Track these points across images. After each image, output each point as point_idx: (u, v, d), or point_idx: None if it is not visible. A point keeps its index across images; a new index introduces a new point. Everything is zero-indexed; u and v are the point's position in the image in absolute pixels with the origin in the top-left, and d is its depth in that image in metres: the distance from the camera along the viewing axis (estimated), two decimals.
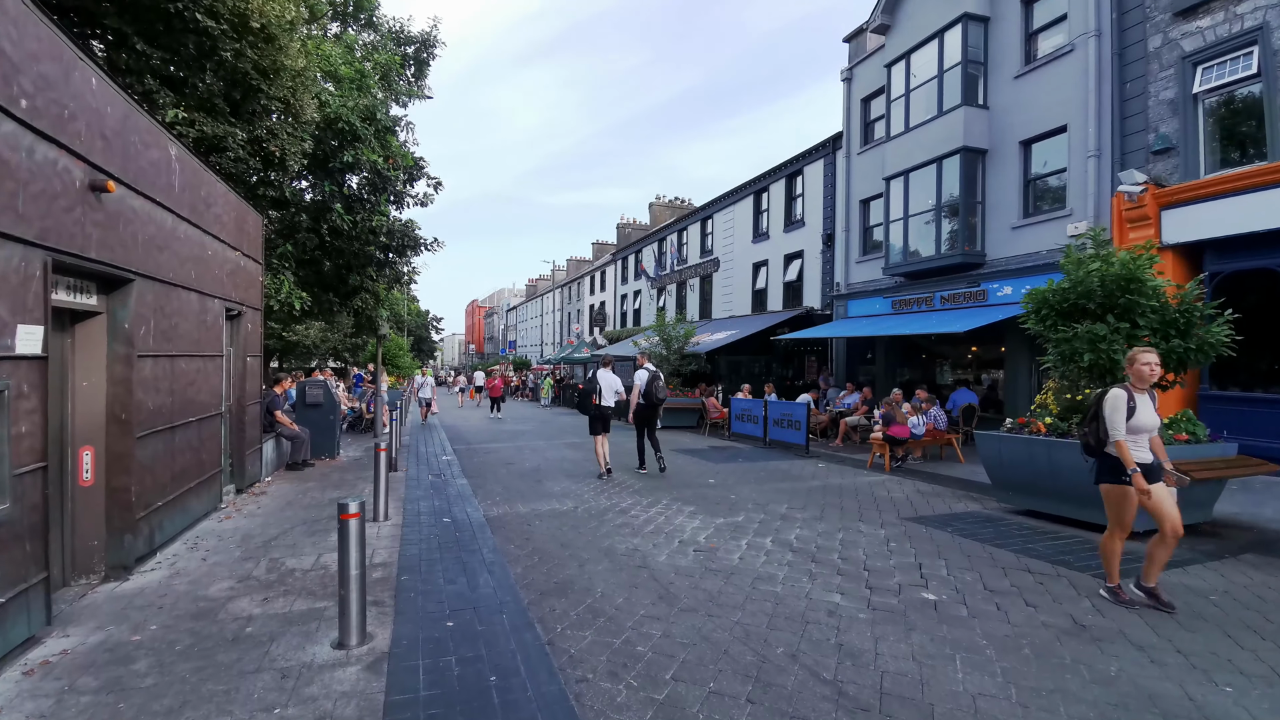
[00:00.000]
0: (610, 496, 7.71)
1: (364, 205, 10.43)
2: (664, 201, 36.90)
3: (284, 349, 37.41)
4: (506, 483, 8.71)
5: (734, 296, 23.05)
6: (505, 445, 13.14)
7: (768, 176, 21.23)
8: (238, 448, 7.66)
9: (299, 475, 9.10)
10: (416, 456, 11.19)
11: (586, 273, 44.35)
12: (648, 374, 9.48)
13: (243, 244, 7.61)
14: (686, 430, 16.29)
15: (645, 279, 31.15)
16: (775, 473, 9.53)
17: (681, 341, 17.39)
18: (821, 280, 18.29)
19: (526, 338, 63.16)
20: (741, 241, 22.79)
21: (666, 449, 12.41)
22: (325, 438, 10.60)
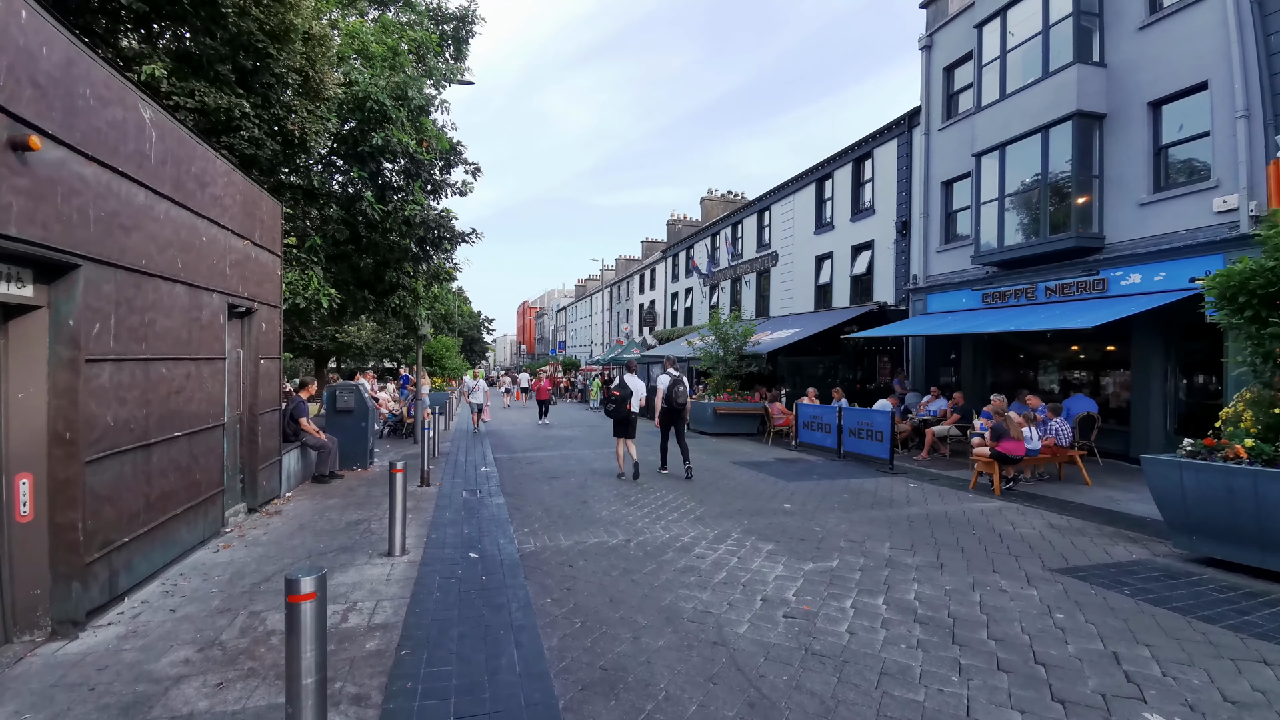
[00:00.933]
0: (667, 525, 6.47)
1: (396, 194, 9.57)
2: (716, 196, 35.48)
3: (337, 350, 37.90)
4: (548, 503, 7.59)
5: (794, 292, 21.46)
6: (550, 454, 12.09)
7: (832, 162, 19.56)
8: (249, 462, 6.80)
9: (324, 490, 8.24)
10: (454, 467, 10.24)
11: (635, 271, 43.30)
12: (670, 378, 9.62)
13: (254, 232, 6.75)
14: (746, 438, 14.88)
15: (697, 276, 29.78)
16: (861, 495, 8.09)
17: (739, 341, 15.99)
18: (895, 273, 16.55)
19: (576, 338, 62.69)
20: (802, 233, 21.17)
21: (726, 459, 11.16)
22: (356, 446, 9.77)
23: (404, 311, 12.04)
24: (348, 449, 9.70)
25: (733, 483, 8.93)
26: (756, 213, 24.59)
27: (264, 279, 7.06)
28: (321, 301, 8.89)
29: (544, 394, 20.82)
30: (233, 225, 6.15)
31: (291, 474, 8.20)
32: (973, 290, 13.62)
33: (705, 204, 35.25)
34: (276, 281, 7.52)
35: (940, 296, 14.68)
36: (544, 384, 21.63)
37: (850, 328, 16.54)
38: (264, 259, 7.07)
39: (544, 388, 21.15)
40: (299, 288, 8.89)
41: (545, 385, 21.39)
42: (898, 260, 16.47)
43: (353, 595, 4.36)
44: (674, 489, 8.43)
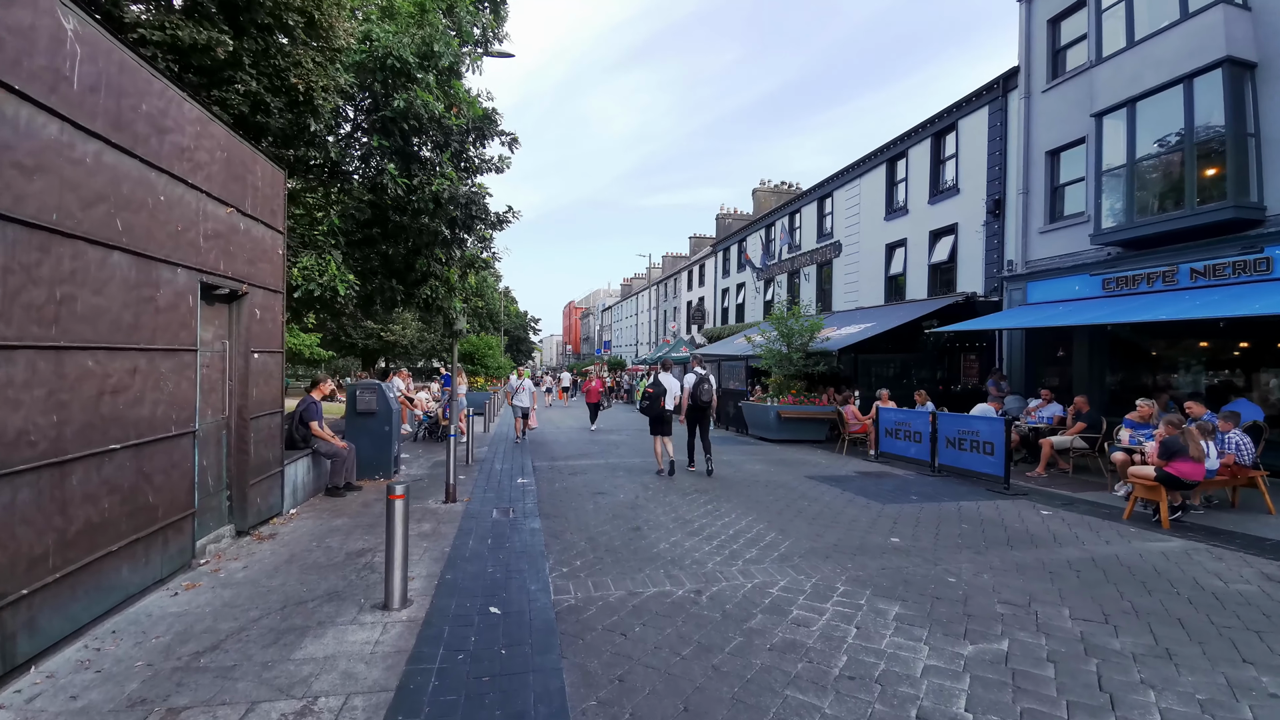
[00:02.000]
0: (746, 566, 5.00)
1: (423, 166, 8.42)
2: (769, 187, 33.65)
3: (382, 349, 37.77)
4: (594, 529, 6.21)
5: (860, 285, 19.58)
6: (596, 463, 10.74)
7: (906, 139, 17.63)
8: (237, 476, 5.68)
9: (335, 505, 7.10)
10: (487, 477, 9.01)
11: (683, 268, 41.78)
12: (695, 376, 9.70)
13: (244, 200, 5.62)
14: (814, 446, 13.21)
15: (750, 270, 28.08)
16: (987, 526, 6.41)
17: (806, 336, 14.31)
18: (985, 259, 14.56)
19: (621, 337, 61.62)
20: (870, 220, 19.27)
21: (798, 473, 9.59)
22: (379, 453, 8.65)
23: (436, 304, 10.92)
24: (369, 456, 8.59)
25: (815, 505, 7.37)
26: (816, 200, 22.75)
27: (258, 258, 5.93)
28: (338, 289, 7.78)
29: (593, 396, 18.07)
30: (210, 187, 5.01)
31: (299, 486, 7.09)
32: (1090, 275, 11.60)
33: (757, 195, 33.45)
34: (277, 263, 6.40)
35: (1045, 284, 12.68)
36: (594, 385, 18.50)
37: (930, 322, 14.67)
38: (258, 234, 5.94)
39: (593, 389, 18.26)
40: (314, 273, 7.81)
41: (595, 387, 18.37)
42: (988, 245, 14.48)
43: (315, 684, 3.07)
44: (742, 510, 6.94)
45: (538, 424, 16.38)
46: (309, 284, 7.74)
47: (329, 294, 7.83)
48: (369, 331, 35.28)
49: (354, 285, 8.02)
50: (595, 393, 18.14)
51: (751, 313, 28.68)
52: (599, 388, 18.51)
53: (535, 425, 15.57)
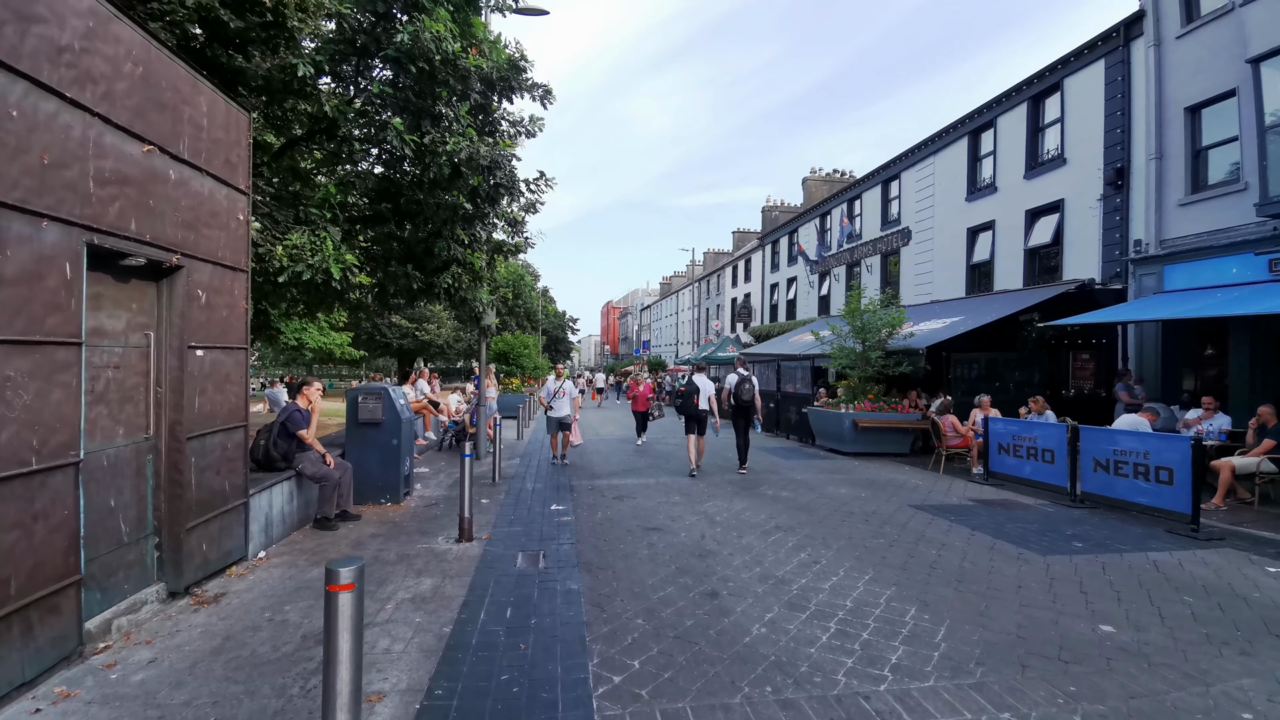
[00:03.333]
0: (901, 675, 3.21)
1: (436, 123, 6.88)
2: (820, 176, 31.45)
3: (417, 349, 36.92)
4: (654, 595, 4.49)
5: (935, 275, 17.40)
6: (645, 484, 9.03)
7: (993, 107, 15.41)
8: (170, 517, 4.17)
9: (319, 545, 5.57)
10: (515, 501, 7.40)
11: (726, 264, 39.82)
12: (738, 376, 10.03)
13: (175, 140, 4.11)
14: (897, 460, 11.23)
15: (804, 263, 26.01)
16: (1219, 598, 4.44)
17: (884, 332, 12.30)
18: (1101, 240, 12.30)
19: (661, 337, 59.94)
20: (948, 202, 17.07)
21: (896, 500, 7.43)
22: (385, 472, 7.14)
23: (459, 294, 9.39)
24: (375, 475, 7.09)
25: (946, 554, 5.49)
26: (880, 184, 20.59)
27: (202, 221, 4.42)
28: (331, 270, 6.28)
29: (641, 403, 14.19)
30: (111, 112, 3.49)
31: (275, 520, 5.60)
32: (1254, 255, 9.32)
33: (808, 185, 31.28)
34: (237, 232, 4.90)
35: (1188, 267, 10.41)
36: (641, 390, 14.33)
37: (1030, 315, 12.50)
38: (202, 189, 4.43)
39: (640, 395, 14.24)
40: (305, 252, 6.33)
41: (643, 392, 14.22)
42: (1106, 223, 12.22)
43: None
44: (849, 560, 5.12)
45: (582, 440, 12.70)
46: (297, 265, 6.26)
47: (321, 277, 6.34)
48: (403, 331, 34.53)
49: (353, 268, 6.50)
50: (643, 399, 14.19)
51: (804, 309, 26.61)
52: (648, 393, 14.25)
53: (579, 441, 12.30)
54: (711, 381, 10.21)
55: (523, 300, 47.68)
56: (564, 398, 10.67)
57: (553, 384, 10.89)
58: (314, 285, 6.42)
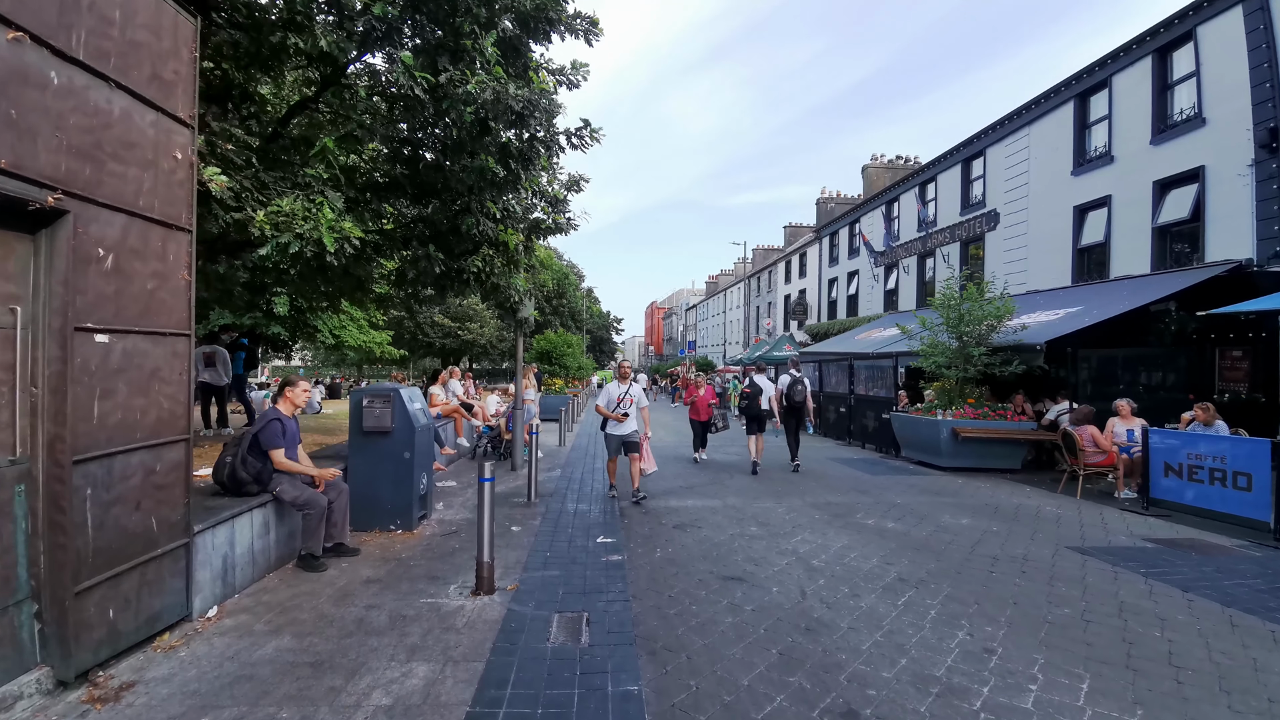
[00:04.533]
0: None
1: (456, 58, 5.51)
2: (882, 162, 29.26)
3: (460, 347, 36.22)
4: (753, 708, 2.95)
5: (1030, 262, 15.24)
6: (711, 506, 7.46)
7: (1105, 65, 13.25)
8: (51, 574, 2.87)
9: (294, 594, 4.24)
10: (552, 532, 5.96)
11: (777, 260, 37.83)
12: (790, 378, 10.17)
13: (65, 34, 2.81)
14: (1011, 478, 9.33)
15: (868, 254, 23.93)
16: None
17: (986, 324, 10.38)
18: (1256, 213, 10.09)
19: (707, 337, 58.15)
20: (1046, 178, 14.91)
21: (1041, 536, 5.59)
22: (397, 492, 5.80)
23: (491, 280, 8.05)
24: (383, 497, 5.77)
25: (1177, 638, 3.75)
26: (960, 163, 18.43)
27: (108, 151, 3.11)
28: (325, 242, 4.98)
29: (703, 411, 11.14)
30: None
31: (242, 560, 4.29)
32: None
33: (868, 173, 29.12)
34: (173, 176, 3.59)
35: None
36: (702, 395, 11.27)
37: (1164, 304, 10.41)
38: (110, 107, 3.12)
39: (702, 401, 11.15)
40: (295, 221, 5.06)
41: (704, 398, 11.20)
42: (1261, 193, 10.01)
43: None
44: (1031, 643, 3.46)
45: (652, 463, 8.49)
46: (281, 235, 4.99)
47: (311, 250, 5.05)
48: (446, 330, 33.87)
49: (352, 240, 5.19)
50: (704, 407, 11.09)
51: (867, 305, 24.53)
52: (709, 398, 11.18)
53: (653, 467, 8.45)
54: (770, 382, 10.42)
55: (567, 300, 46.75)
56: (631, 408, 7.60)
57: (614, 389, 7.72)
58: (300, 259, 5.13)
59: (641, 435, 7.75)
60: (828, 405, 15.69)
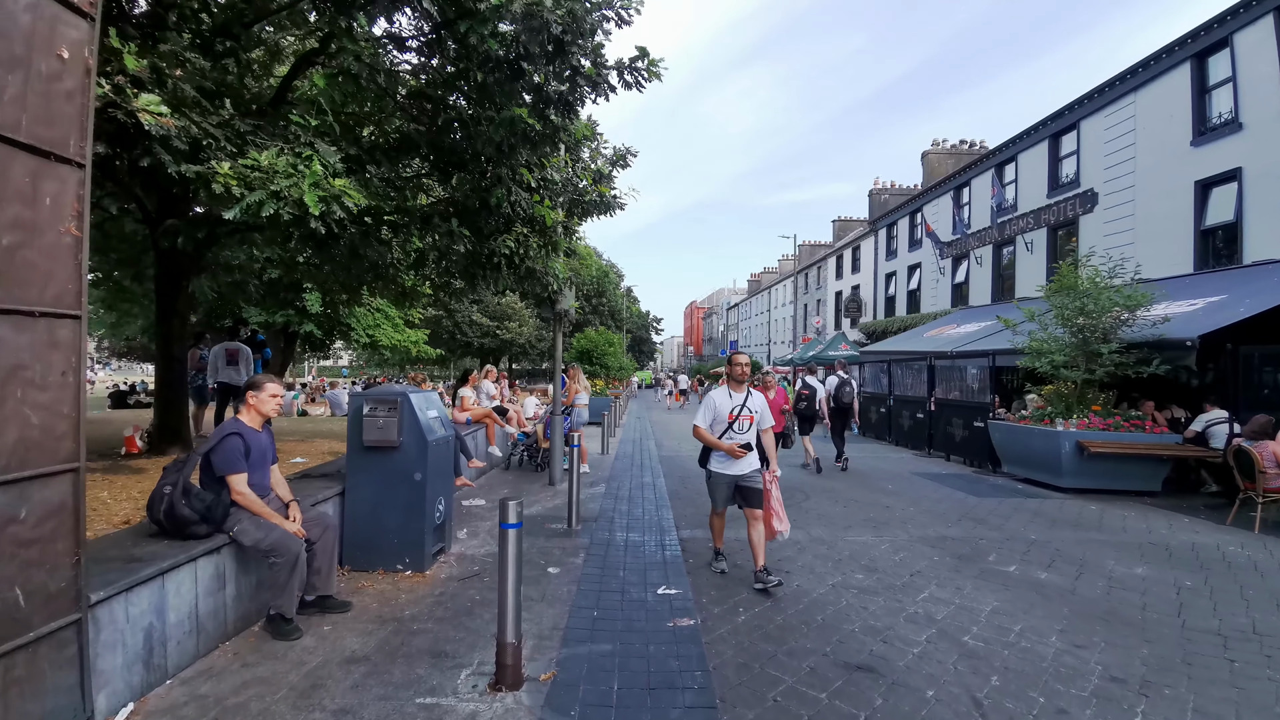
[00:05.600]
0: None
1: None
2: (944, 148, 27.16)
3: (498, 347, 35.41)
4: None
5: (1140, 247, 13.25)
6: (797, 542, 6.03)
7: (1225, 21, 11.31)
8: None
9: (243, 683, 3.04)
10: (600, 573, 4.66)
11: (827, 255, 35.90)
12: (838, 379, 10.45)
13: None
14: (1154, 504, 7.62)
15: (933, 245, 22.00)
16: None
17: (1114, 315, 8.65)
18: None
19: (750, 337, 56.31)
20: (1158, 151, 12.99)
21: (1256, 596, 4.14)
22: (405, 522, 4.59)
23: (525, 265, 6.83)
24: (385, 528, 4.58)
25: None
26: (1047, 139, 16.46)
27: None
28: (307, 202, 3.81)
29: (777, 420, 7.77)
30: None
31: (180, 632, 3.11)
32: None
33: (929, 159, 27.06)
34: (55, 84, 2.43)
35: None
36: (775, 396, 8.32)
37: None
38: None
39: (774, 406, 7.79)
40: (273, 176, 3.91)
41: (778, 401, 8.54)
42: None
43: None
44: None
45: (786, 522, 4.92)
46: (252, 193, 3.83)
47: (288, 214, 3.88)
48: (484, 329, 33.07)
49: (341, 201, 4.01)
50: (777, 414, 8.14)
51: (931, 300, 22.61)
52: (781, 403, 8.70)
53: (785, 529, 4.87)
54: (820, 384, 10.46)
55: (607, 298, 45.65)
56: (748, 429, 4.68)
57: (721, 399, 4.71)
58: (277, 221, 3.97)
59: (769, 475, 4.75)
60: (900, 411, 13.98)
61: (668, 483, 8.71)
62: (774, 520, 4.74)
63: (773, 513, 4.73)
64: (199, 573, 3.29)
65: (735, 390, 4.73)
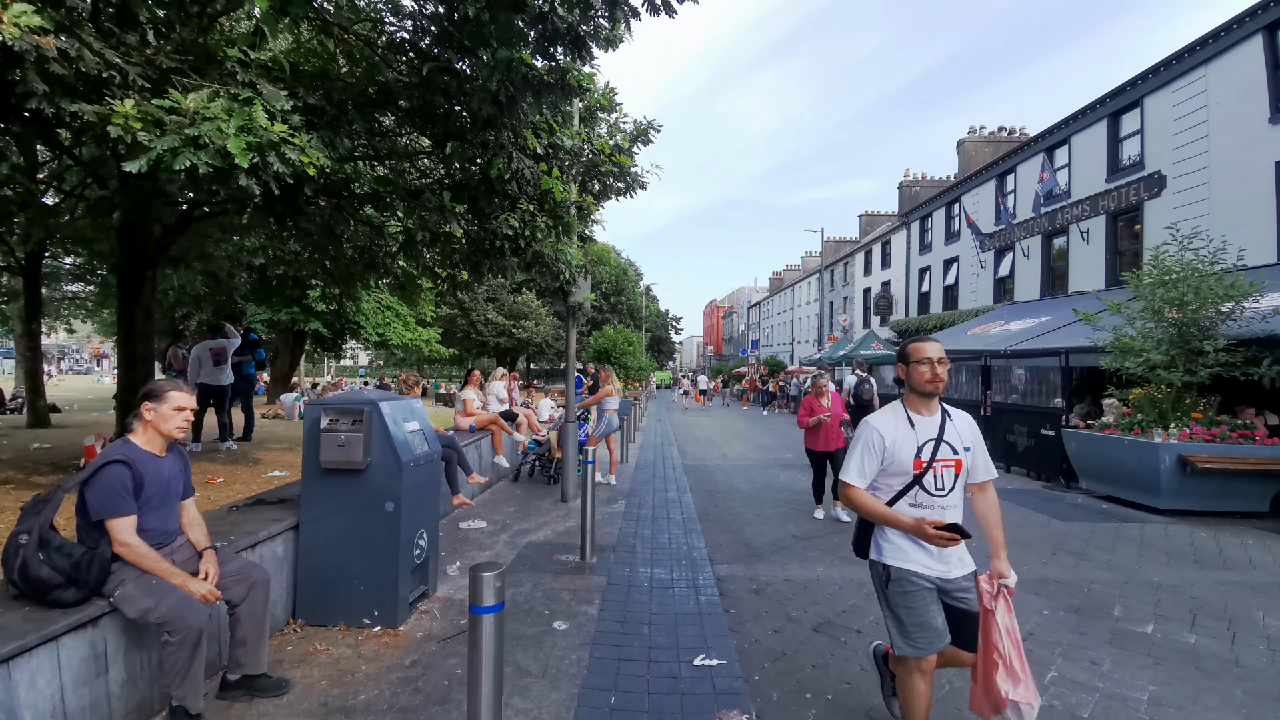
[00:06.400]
0: None
1: None
2: (982, 136, 25.76)
3: (514, 347, 34.57)
4: None
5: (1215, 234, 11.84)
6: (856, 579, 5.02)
7: None
8: None
9: None
10: (620, 628, 3.67)
11: (854, 250, 34.53)
12: (856, 378, 10.65)
13: None
14: (1256, 524, 6.42)
15: (974, 237, 20.62)
16: None
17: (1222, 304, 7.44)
18: None
19: (773, 335, 54.96)
20: (1233, 129, 11.73)
21: None
22: (372, 566, 3.63)
23: (532, 248, 5.86)
24: (348, 573, 3.64)
25: None
26: (1105, 119, 15.08)
27: None
28: (232, 151, 2.87)
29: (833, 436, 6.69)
30: None
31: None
32: None
33: (965, 148, 25.67)
34: None
35: None
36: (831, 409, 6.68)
37: None
38: None
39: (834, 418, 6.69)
40: (198, 122, 2.98)
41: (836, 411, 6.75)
42: None
43: None
44: None
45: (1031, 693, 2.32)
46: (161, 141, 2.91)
47: (210, 166, 2.94)
48: (500, 328, 32.20)
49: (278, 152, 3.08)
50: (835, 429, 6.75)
51: (970, 296, 21.27)
52: (840, 414, 6.88)
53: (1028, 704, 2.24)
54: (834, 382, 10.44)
55: (625, 296, 44.66)
56: (951, 487, 2.40)
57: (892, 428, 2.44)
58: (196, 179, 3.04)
59: (990, 583, 2.39)
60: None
61: (695, 499, 7.69)
62: (1000, 676, 2.27)
63: (998, 663, 2.28)
64: (64, 655, 2.36)
65: (919, 411, 2.45)
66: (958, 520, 2.34)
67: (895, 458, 2.37)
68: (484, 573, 1.96)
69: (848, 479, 2.44)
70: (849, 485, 2.43)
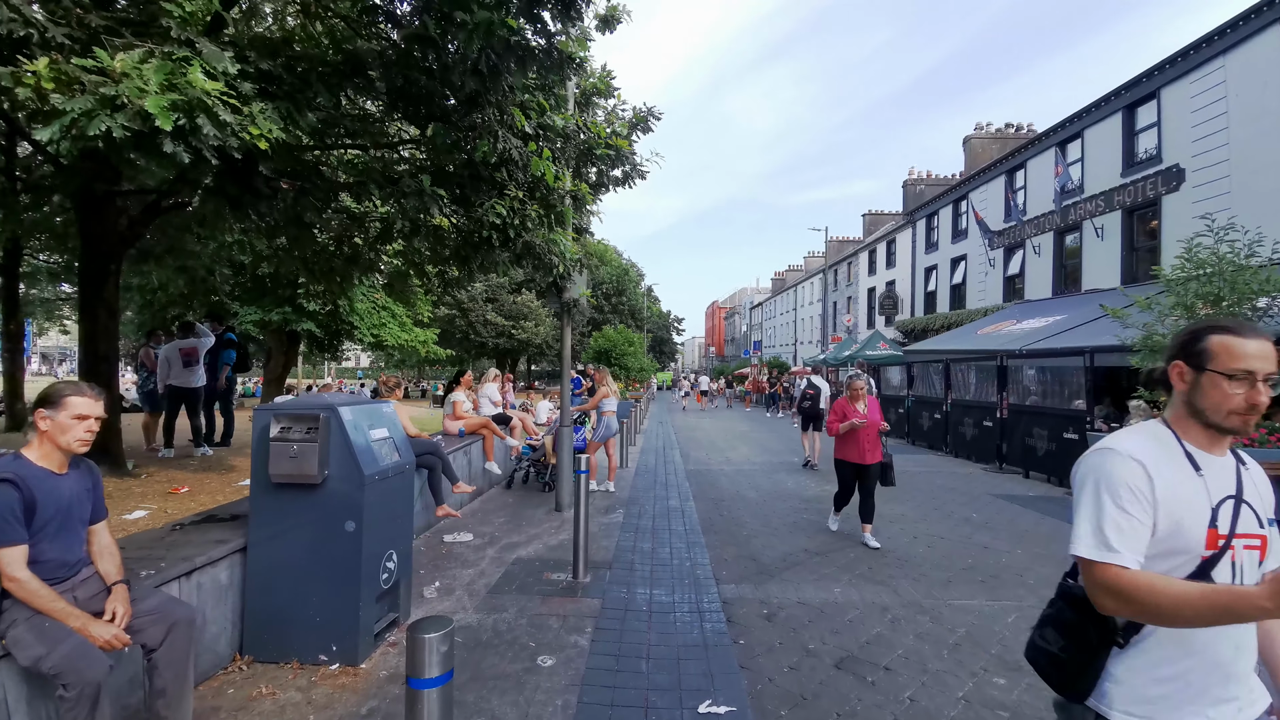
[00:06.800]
0: None
1: None
2: (989, 132, 25.25)
3: (514, 348, 34.13)
4: None
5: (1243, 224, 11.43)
6: (883, 603, 4.57)
7: None
8: None
9: None
10: (615, 662, 3.21)
11: (860, 249, 34.03)
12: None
13: None
14: None
15: (982, 235, 20.15)
16: None
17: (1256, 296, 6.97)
18: None
19: (775, 336, 54.46)
20: (1254, 120, 11.35)
21: None
22: (330, 594, 3.18)
23: (520, 238, 5.41)
24: (304, 602, 3.18)
25: None
26: (1120, 111, 14.61)
27: None
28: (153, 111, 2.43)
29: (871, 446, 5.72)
30: None
31: None
32: None
33: (971, 145, 25.18)
34: None
35: None
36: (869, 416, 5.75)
37: None
38: None
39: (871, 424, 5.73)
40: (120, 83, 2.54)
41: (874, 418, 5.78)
42: None
43: None
44: None
45: None
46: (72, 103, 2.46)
47: (125, 130, 2.51)
48: (499, 329, 31.74)
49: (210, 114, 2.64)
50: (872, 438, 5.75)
51: (978, 295, 20.78)
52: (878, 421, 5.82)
53: None
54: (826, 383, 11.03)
55: (627, 297, 44.20)
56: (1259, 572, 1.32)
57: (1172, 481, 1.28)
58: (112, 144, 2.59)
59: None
60: (961, 418, 12.25)
61: (698, 507, 7.23)
62: None
63: None
64: None
65: (1208, 448, 1.34)
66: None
67: (1175, 520, 1.27)
68: (426, 634, 1.50)
69: (1099, 555, 1.27)
70: (1108, 566, 1.25)
